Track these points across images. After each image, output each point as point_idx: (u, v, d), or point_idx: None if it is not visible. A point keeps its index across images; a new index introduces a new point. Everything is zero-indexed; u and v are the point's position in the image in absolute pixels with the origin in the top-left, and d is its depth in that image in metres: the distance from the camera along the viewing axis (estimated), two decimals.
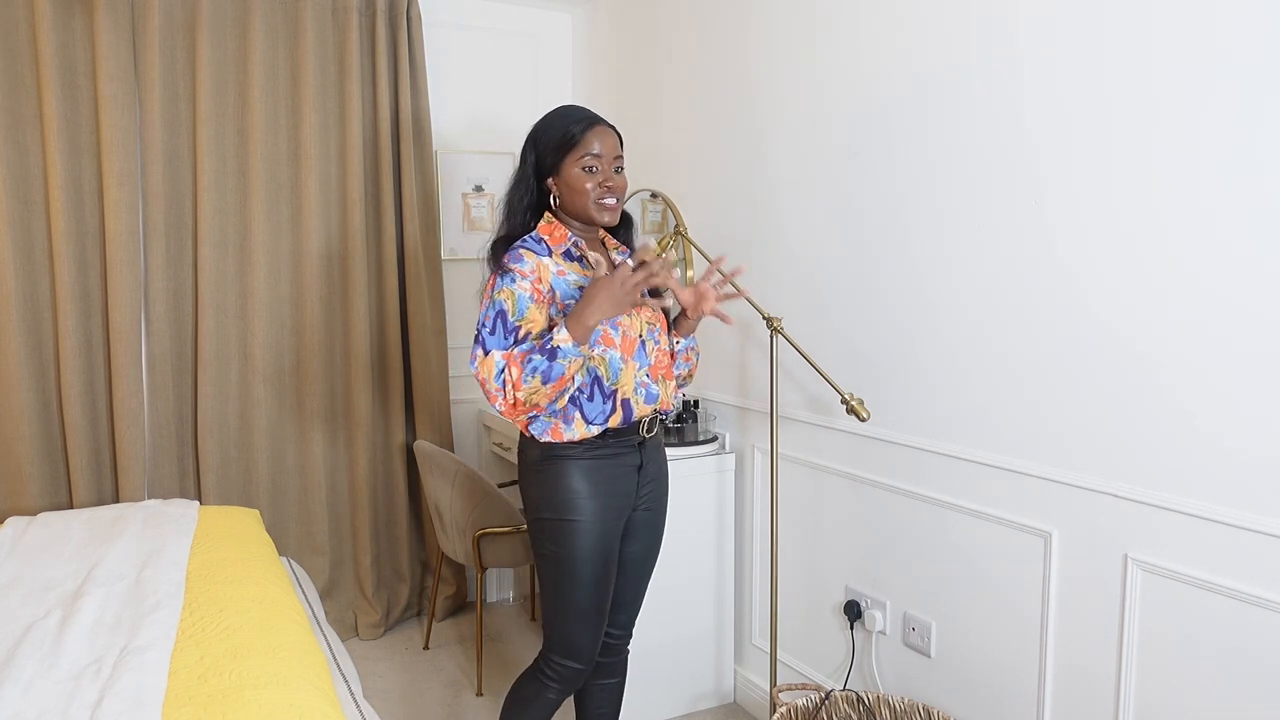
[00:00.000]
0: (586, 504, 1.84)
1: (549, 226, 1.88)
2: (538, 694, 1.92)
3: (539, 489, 1.86)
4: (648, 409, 1.90)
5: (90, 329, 2.83)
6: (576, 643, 1.88)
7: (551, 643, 1.90)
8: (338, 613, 3.21)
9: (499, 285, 1.78)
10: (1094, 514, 1.75)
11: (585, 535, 1.84)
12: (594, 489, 1.84)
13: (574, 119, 1.85)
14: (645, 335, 1.90)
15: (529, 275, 1.79)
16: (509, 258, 1.80)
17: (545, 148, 1.86)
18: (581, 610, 1.87)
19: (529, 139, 1.90)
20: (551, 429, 1.83)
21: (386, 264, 3.19)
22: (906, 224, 2.12)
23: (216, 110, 2.92)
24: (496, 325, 1.76)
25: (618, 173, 1.87)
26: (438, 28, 3.35)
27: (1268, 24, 1.43)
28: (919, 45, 2.05)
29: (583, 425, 1.82)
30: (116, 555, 2.09)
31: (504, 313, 1.76)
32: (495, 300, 1.78)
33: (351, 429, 3.20)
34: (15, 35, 2.68)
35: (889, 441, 2.20)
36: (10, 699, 1.43)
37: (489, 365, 1.74)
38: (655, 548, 2.03)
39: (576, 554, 1.84)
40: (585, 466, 1.84)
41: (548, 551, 1.86)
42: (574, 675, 1.91)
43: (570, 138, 1.82)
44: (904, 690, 2.23)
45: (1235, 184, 1.49)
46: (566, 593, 1.86)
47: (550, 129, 1.86)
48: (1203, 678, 1.59)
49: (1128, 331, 1.66)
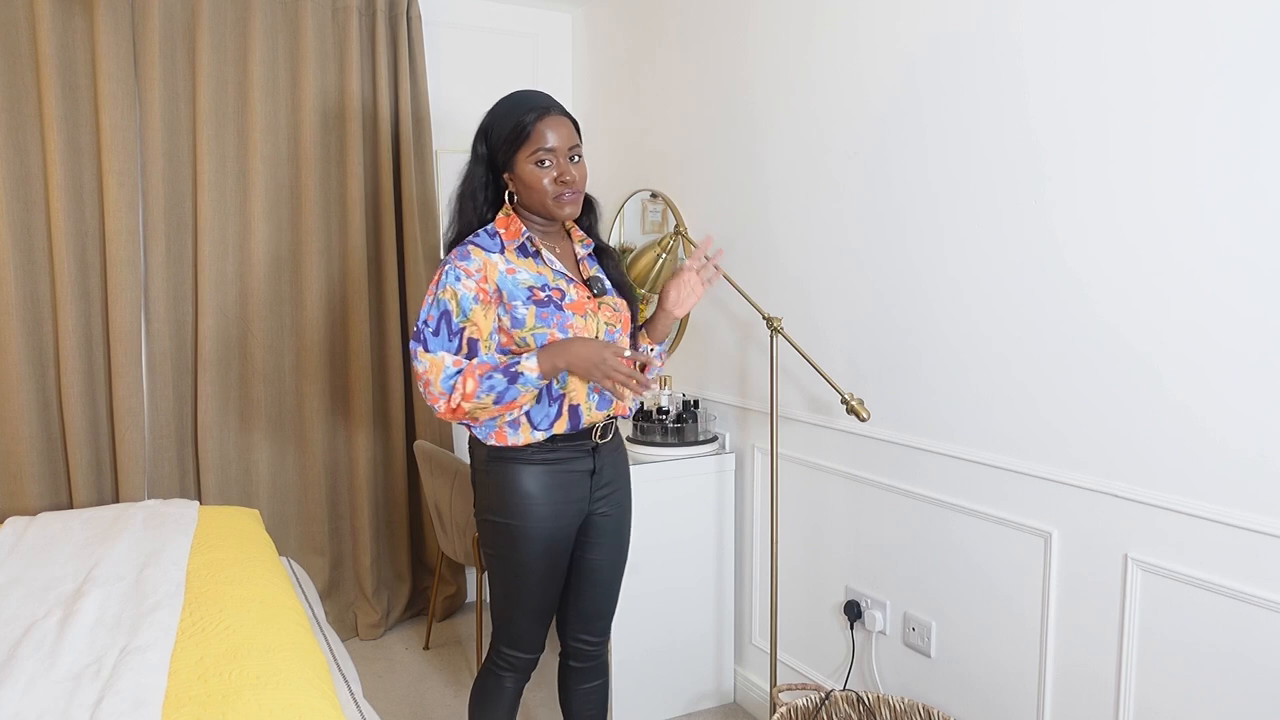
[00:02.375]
0: (535, 509, 1.79)
1: (505, 219, 1.81)
2: (496, 686, 1.94)
3: (487, 490, 1.83)
4: (600, 415, 1.84)
5: (90, 329, 2.83)
6: (524, 636, 1.90)
7: (499, 636, 1.91)
8: (338, 613, 3.21)
9: (443, 283, 1.72)
10: (1094, 514, 1.75)
11: (533, 540, 1.80)
12: (544, 493, 1.80)
13: (525, 108, 1.74)
14: (602, 338, 1.82)
15: (474, 274, 1.72)
16: (456, 253, 1.74)
17: (497, 142, 1.77)
18: (528, 609, 1.87)
19: (480, 131, 1.80)
20: (496, 432, 1.79)
21: (386, 264, 3.19)
22: (905, 224, 2.12)
23: (216, 110, 2.92)
24: (440, 326, 1.71)
25: (575, 163, 1.77)
26: (438, 27, 3.35)
27: (1268, 24, 1.43)
28: (918, 45, 2.05)
29: (528, 430, 1.78)
30: (116, 555, 2.09)
31: (448, 313, 1.71)
32: (439, 299, 1.72)
33: (351, 429, 3.20)
34: (15, 35, 2.68)
35: (889, 441, 2.20)
36: (10, 699, 1.42)
37: (437, 366, 1.69)
38: (622, 554, 1.99)
39: (524, 557, 1.81)
40: (535, 471, 1.79)
41: (495, 552, 1.84)
42: (525, 663, 1.93)
43: (522, 130, 1.72)
44: (904, 690, 2.23)
45: (1236, 184, 1.49)
46: (514, 592, 1.86)
47: (501, 121, 1.77)
48: (1203, 678, 1.59)
49: (1128, 331, 1.66)
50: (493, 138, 1.78)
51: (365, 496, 3.21)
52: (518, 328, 1.74)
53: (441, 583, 3.40)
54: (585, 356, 1.70)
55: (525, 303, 1.75)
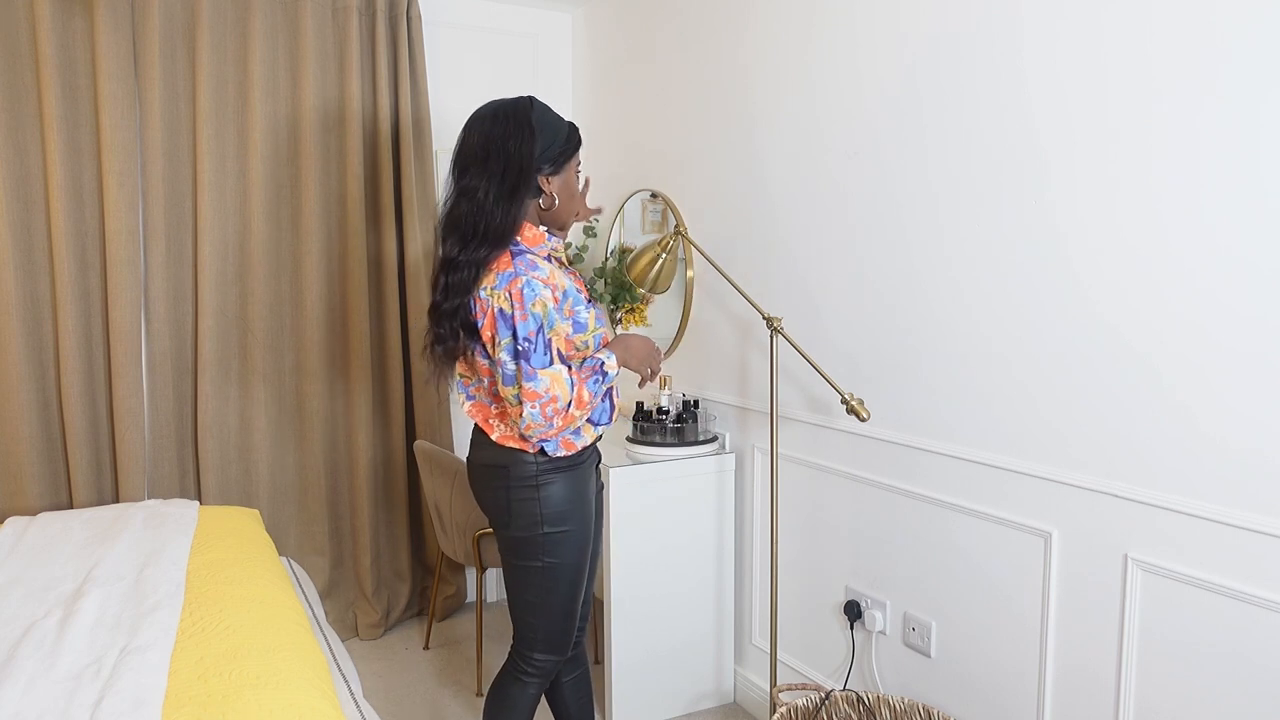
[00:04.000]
0: (581, 511, 1.85)
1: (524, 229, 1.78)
2: (522, 693, 1.93)
3: (538, 504, 1.81)
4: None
5: (90, 329, 2.83)
6: (560, 639, 1.91)
7: (533, 641, 1.89)
8: (338, 613, 3.21)
9: (529, 296, 1.65)
10: (1094, 514, 1.75)
11: (582, 540, 1.86)
12: (584, 494, 1.87)
13: (558, 117, 1.77)
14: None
15: (548, 284, 1.69)
16: (522, 264, 1.68)
17: (553, 140, 1.71)
18: (570, 611, 1.89)
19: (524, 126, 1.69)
20: (564, 441, 1.80)
21: (386, 264, 3.19)
22: (906, 223, 2.12)
23: (216, 110, 2.92)
24: (539, 341, 1.66)
25: None
26: (438, 27, 3.35)
27: (1268, 24, 1.43)
28: (918, 45, 2.05)
29: (590, 430, 1.84)
30: (116, 555, 2.09)
31: (541, 328, 1.67)
32: (532, 313, 1.65)
33: (351, 429, 3.20)
34: (15, 35, 2.68)
35: (889, 441, 2.20)
36: (10, 699, 1.43)
37: (559, 380, 1.65)
38: (599, 545, 2.06)
39: (574, 560, 1.85)
40: (574, 475, 1.85)
41: (543, 563, 1.84)
42: (554, 667, 1.94)
43: (576, 139, 1.74)
44: (904, 690, 2.23)
45: (1236, 183, 1.49)
46: (558, 598, 1.87)
47: (552, 125, 1.73)
48: (1203, 678, 1.59)
49: (1128, 331, 1.66)
50: (546, 136, 1.70)
51: (365, 496, 3.21)
52: (580, 332, 1.77)
53: (441, 583, 3.40)
54: (640, 348, 1.85)
55: (585, 306, 1.79)
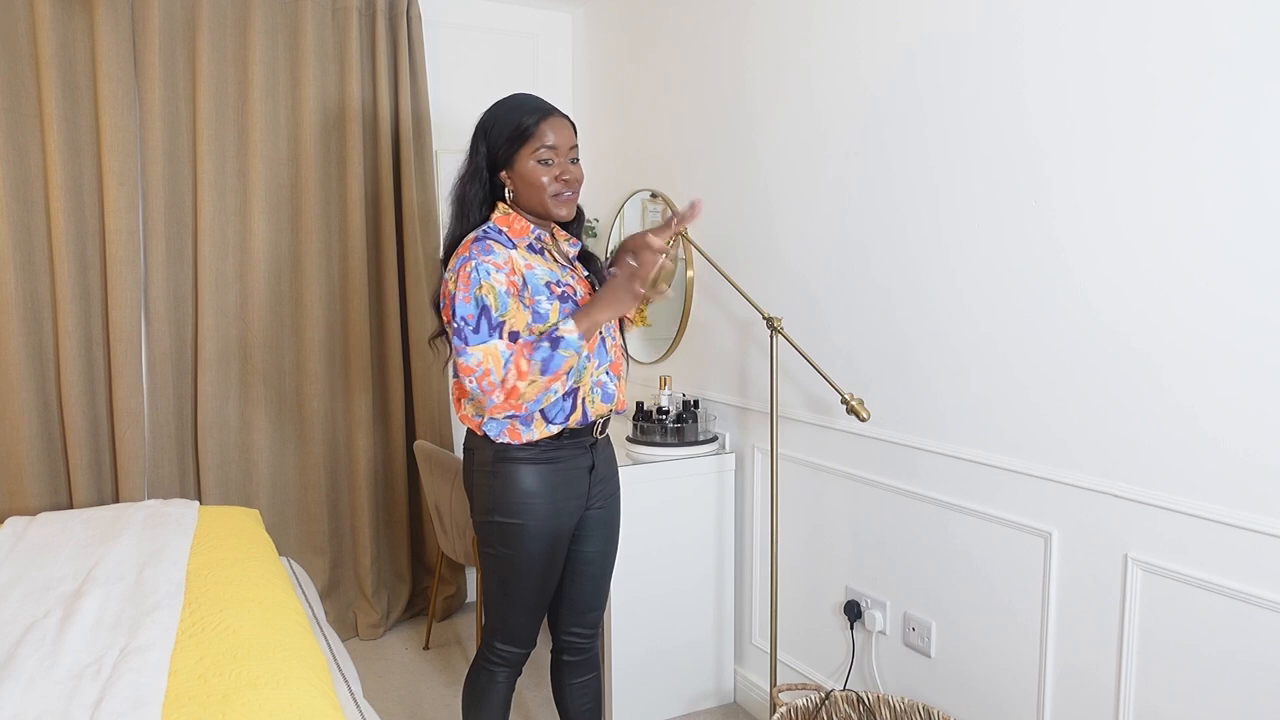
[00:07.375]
0: (539, 506, 1.81)
1: (506, 218, 1.81)
2: (489, 683, 1.94)
3: (490, 491, 1.82)
4: (605, 408, 1.86)
5: (90, 329, 2.83)
6: (519, 632, 1.91)
7: (493, 631, 1.92)
8: (338, 613, 3.21)
9: (475, 279, 1.69)
10: (1094, 514, 1.75)
11: (535, 538, 1.82)
12: (547, 492, 1.82)
13: (527, 109, 1.77)
14: (604, 331, 1.85)
15: (503, 268, 1.71)
16: (476, 249, 1.71)
17: (497, 139, 1.78)
18: (527, 605, 1.88)
19: (479, 130, 1.81)
20: (509, 429, 1.79)
21: (386, 264, 3.19)
22: (905, 223, 2.12)
23: (216, 110, 2.92)
24: (481, 322, 1.68)
25: (573, 164, 1.81)
26: (438, 27, 3.35)
27: (1268, 24, 1.43)
28: (918, 44, 2.05)
29: (542, 425, 1.79)
30: (116, 555, 2.09)
31: (487, 309, 1.68)
32: (476, 296, 1.68)
33: (351, 429, 3.20)
34: (15, 35, 2.68)
35: (889, 441, 2.20)
36: (10, 699, 1.42)
37: (493, 353, 1.66)
38: (613, 546, 2.02)
39: (525, 555, 1.83)
40: (539, 469, 1.81)
41: (497, 551, 1.84)
42: (518, 658, 1.94)
43: (524, 129, 1.75)
44: (904, 690, 2.23)
45: (1236, 183, 1.49)
46: (511, 590, 1.86)
47: (502, 120, 1.78)
48: (1203, 678, 1.59)
49: (1128, 331, 1.66)
50: (494, 135, 1.79)
51: (365, 496, 3.21)
52: (539, 323, 1.75)
53: (441, 583, 3.40)
54: (616, 286, 1.71)
55: (549, 299, 1.77)
